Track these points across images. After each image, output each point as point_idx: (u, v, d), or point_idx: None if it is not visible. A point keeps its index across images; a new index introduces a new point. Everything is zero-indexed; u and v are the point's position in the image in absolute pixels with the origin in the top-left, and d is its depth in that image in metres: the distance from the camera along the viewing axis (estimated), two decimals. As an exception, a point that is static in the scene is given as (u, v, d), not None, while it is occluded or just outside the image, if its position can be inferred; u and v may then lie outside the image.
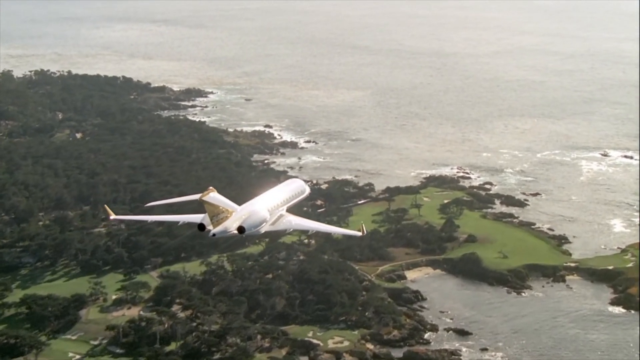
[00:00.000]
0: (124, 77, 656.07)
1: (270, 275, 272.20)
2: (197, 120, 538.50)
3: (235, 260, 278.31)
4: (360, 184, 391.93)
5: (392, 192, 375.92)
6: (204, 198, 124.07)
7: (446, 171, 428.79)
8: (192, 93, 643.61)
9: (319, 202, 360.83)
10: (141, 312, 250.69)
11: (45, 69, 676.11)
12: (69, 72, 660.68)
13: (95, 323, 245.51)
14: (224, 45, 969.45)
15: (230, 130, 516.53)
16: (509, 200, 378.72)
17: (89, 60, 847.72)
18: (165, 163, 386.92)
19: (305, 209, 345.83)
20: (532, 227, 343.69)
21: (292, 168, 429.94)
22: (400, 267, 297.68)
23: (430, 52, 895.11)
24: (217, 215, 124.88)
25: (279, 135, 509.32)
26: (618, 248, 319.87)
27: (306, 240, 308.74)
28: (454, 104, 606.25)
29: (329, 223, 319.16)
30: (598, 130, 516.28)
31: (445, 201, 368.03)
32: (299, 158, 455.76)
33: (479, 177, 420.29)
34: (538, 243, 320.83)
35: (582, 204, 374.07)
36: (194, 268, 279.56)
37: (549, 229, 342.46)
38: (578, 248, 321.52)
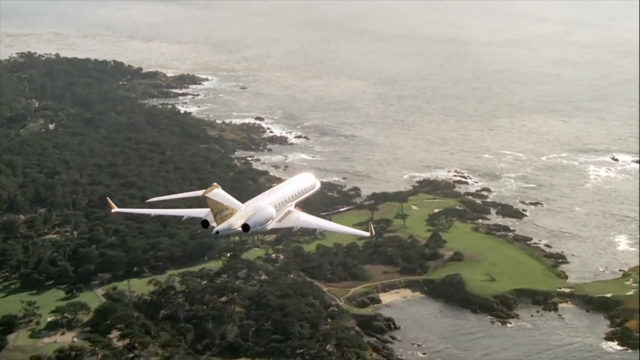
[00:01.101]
0: (114, 61, 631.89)
1: (224, 299, 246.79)
2: (184, 111, 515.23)
3: (187, 280, 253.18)
4: (346, 188, 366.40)
5: (378, 199, 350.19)
6: (207, 195, 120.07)
7: (442, 174, 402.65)
8: (186, 80, 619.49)
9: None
10: (75, 339, 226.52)
11: (33, 52, 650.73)
12: (57, 55, 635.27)
13: (22, 351, 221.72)
14: (229, 27, 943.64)
15: (218, 122, 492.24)
16: (505, 210, 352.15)
17: (86, 41, 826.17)
18: (135, 161, 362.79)
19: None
20: (528, 242, 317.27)
21: (276, 167, 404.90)
22: (375, 289, 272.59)
23: (443, 39, 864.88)
24: (221, 212, 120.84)
25: (268, 128, 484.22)
26: (620, 270, 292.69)
27: (274, 255, 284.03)
28: (460, 97, 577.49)
29: (298, 237, 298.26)
30: (610, 131, 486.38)
31: (436, 210, 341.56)
32: (286, 156, 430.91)
33: (476, 182, 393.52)
34: (531, 263, 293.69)
35: (585, 217, 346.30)
36: (141, 287, 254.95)
37: (547, 245, 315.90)
38: (575, 270, 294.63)
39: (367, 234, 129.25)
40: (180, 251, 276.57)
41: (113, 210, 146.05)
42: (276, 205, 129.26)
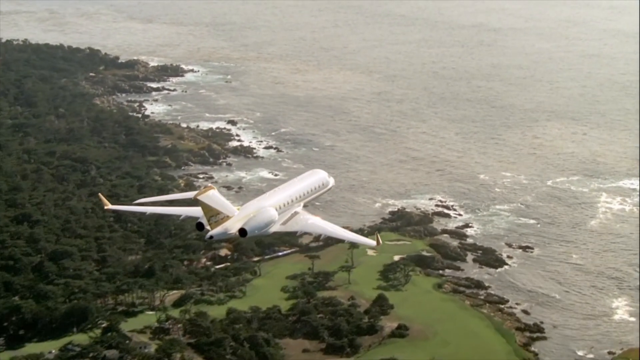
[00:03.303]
0: (90, 49, 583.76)
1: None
2: (150, 111, 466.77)
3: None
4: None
5: (330, 239, 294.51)
6: (199, 197, 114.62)
7: (422, 203, 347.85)
8: (168, 70, 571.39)
9: (223, 252, 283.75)
10: None
11: (2, 38, 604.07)
12: (25, 40, 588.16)
13: None
14: (240, 8, 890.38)
15: (183, 125, 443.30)
16: (485, 257, 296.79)
17: (80, 21, 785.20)
18: (45, 185, 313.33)
19: (204, 260, 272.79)
20: (501, 306, 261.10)
21: (228, 188, 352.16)
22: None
23: (472, 24, 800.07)
24: (216, 215, 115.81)
25: (238, 135, 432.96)
26: (609, 354, 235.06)
27: (167, 323, 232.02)
28: (471, 99, 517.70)
29: (215, 292, 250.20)
30: (635, 148, 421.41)
31: (396, 258, 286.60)
32: (246, 172, 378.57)
33: (460, 215, 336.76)
34: (496, 342, 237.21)
35: (581, 270, 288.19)
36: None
37: (524, 311, 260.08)
38: (553, 348, 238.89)
39: (374, 242, 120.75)
40: (47, 317, 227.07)
41: (106, 207, 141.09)
42: (281, 206, 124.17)
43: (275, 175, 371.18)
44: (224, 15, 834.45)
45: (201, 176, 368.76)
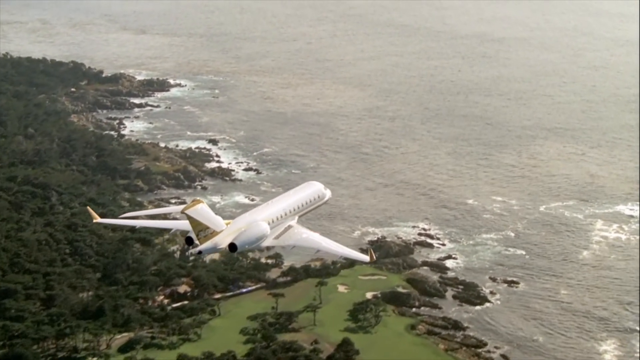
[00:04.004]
0: (74, 62, 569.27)
1: None
2: (130, 129, 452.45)
3: None
4: (265, 256, 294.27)
5: (299, 274, 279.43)
6: (187, 211, 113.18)
7: (404, 231, 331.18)
8: (154, 85, 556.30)
9: (182, 288, 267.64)
10: None
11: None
12: (6, 54, 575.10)
13: None
14: (237, 18, 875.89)
15: (162, 145, 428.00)
16: (466, 293, 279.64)
17: (71, 31, 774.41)
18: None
19: (161, 298, 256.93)
20: (478, 350, 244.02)
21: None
22: None
23: (476, 35, 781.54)
24: (205, 230, 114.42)
25: (217, 156, 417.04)
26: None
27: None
28: (468, 115, 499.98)
29: (167, 335, 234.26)
30: (636, 169, 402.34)
31: (368, 295, 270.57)
32: (222, 197, 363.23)
33: (443, 244, 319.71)
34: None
35: (567, 309, 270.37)
36: None
37: (503, 356, 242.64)
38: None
39: (367, 258, 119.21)
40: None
41: (95, 221, 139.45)
42: (274, 220, 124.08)
43: (252, 200, 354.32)
44: (219, 25, 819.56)
45: (173, 201, 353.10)
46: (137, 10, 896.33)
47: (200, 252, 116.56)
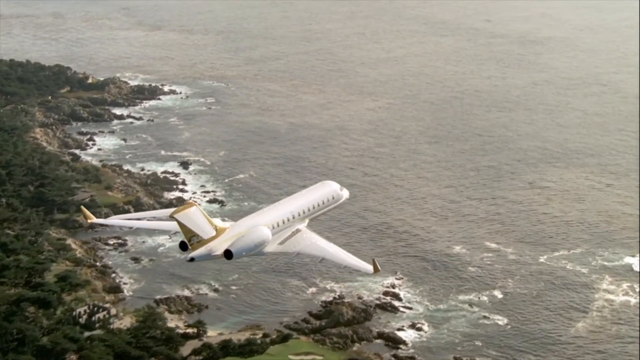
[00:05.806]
0: (59, 66, 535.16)
1: None
2: (97, 147, 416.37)
3: None
4: (184, 327, 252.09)
5: (213, 354, 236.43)
6: (176, 215, 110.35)
7: (367, 288, 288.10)
8: (145, 92, 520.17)
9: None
10: None
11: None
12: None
13: None
14: (264, 12, 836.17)
15: (125, 168, 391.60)
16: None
17: (84, 26, 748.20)
18: None
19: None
20: None
21: (136, 261, 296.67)
22: None
23: (518, 34, 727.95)
24: (197, 236, 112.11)
25: (183, 183, 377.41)
26: None
27: None
28: (483, 134, 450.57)
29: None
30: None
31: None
32: (169, 238, 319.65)
33: (410, 308, 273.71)
34: None
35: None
36: None
37: None
38: None
39: (370, 268, 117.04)
40: None
41: (89, 221, 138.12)
42: (279, 224, 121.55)
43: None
44: (241, 21, 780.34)
45: (111, 242, 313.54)
46: (158, 3, 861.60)
47: (192, 259, 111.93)
